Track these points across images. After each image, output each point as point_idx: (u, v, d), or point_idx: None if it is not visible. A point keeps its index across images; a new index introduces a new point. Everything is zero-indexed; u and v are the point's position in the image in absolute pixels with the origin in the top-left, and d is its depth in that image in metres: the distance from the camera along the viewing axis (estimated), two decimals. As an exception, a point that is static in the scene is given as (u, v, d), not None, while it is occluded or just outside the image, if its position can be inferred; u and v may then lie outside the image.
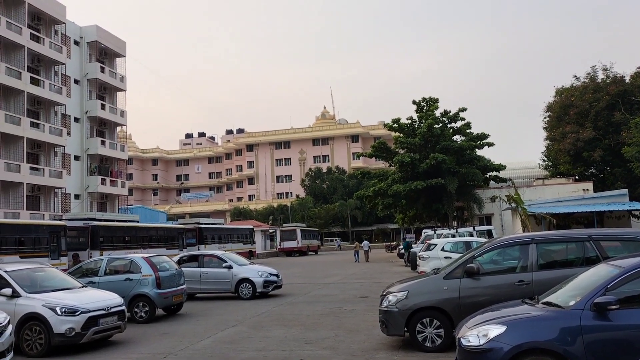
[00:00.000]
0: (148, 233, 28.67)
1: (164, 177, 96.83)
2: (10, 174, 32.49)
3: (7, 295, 9.08)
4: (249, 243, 41.69)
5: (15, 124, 33.23)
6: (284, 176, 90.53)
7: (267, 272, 16.62)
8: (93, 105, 41.71)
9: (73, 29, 41.02)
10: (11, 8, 34.90)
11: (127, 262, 13.30)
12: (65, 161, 38.85)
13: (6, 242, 19.11)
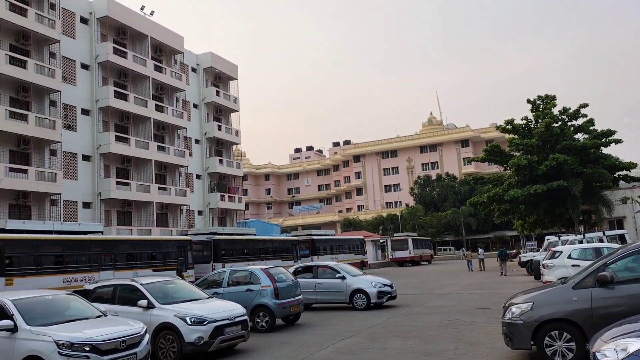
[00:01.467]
0: (264, 245, 29.85)
1: (277, 191, 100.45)
2: (142, 194, 35.60)
3: (143, 307, 9.90)
4: (361, 253, 41.81)
5: (145, 148, 36.43)
6: (392, 185, 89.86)
7: (381, 283, 16.54)
8: (211, 127, 44.60)
9: (190, 58, 44.26)
10: (136, 43, 38.47)
11: (247, 273, 13.95)
12: (189, 180, 41.80)
13: (141, 257, 20.90)
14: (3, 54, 27.70)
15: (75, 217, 31.86)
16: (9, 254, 15.82)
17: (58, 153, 30.80)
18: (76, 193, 32.22)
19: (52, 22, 30.84)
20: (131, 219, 35.94)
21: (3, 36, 28.28)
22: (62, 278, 17.11)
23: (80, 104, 33.45)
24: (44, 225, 18.40)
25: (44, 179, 29.09)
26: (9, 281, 15.48)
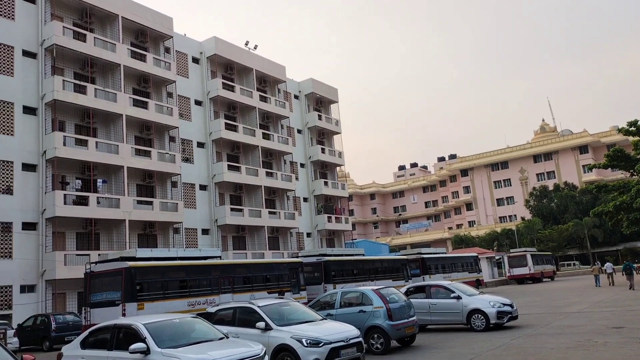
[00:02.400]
0: (374, 265, 29.67)
1: (382, 210, 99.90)
2: (254, 219, 37.16)
3: (261, 328, 10.22)
4: (475, 271, 40.09)
5: (254, 175, 38.13)
6: (505, 198, 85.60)
7: (500, 302, 15.70)
8: (315, 150, 45.69)
9: (292, 85, 45.91)
10: (242, 76, 40.67)
11: (358, 294, 13.90)
12: (296, 203, 42.96)
13: (256, 280, 21.70)
14: (127, 97, 30.57)
15: (195, 244, 33.96)
16: (139, 280, 17.15)
17: (178, 184, 33.18)
18: (195, 221, 34.38)
19: (168, 65, 33.58)
20: (245, 243, 37.59)
21: (127, 81, 31.23)
22: (187, 302, 18.19)
23: (195, 137, 35.89)
24: (169, 252, 19.75)
25: (167, 209, 31.40)
26: (141, 306, 16.73)
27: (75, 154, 27.37)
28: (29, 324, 20.64)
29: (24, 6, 27.72)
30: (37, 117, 27.32)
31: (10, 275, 24.83)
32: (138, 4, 32.70)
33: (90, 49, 29.06)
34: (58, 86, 27.15)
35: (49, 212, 26.18)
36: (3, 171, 25.63)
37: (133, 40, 32.73)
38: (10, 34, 26.88)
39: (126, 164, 29.63)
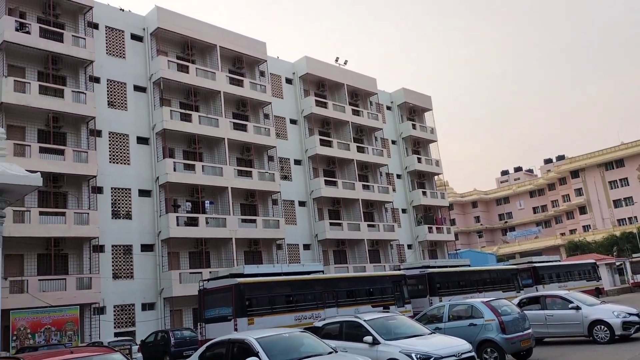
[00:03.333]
0: (481, 276, 28.52)
1: (486, 218, 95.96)
2: (353, 233, 37.31)
3: (369, 343, 10.16)
4: (594, 279, 37.14)
5: (351, 189, 38.35)
6: (623, 199, 78.81)
7: (625, 312, 14.41)
8: (411, 160, 45.10)
9: (384, 97, 45.81)
10: (334, 92, 41.29)
11: (467, 307, 13.41)
12: (395, 215, 42.52)
13: (359, 293, 21.68)
14: (228, 121, 32.16)
15: (297, 259, 34.69)
16: (248, 296, 17.79)
17: (278, 202, 34.20)
18: (296, 236, 35.16)
19: (264, 87, 34.95)
20: (346, 257, 37.78)
21: (227, 106, 32.88)
22: (294, 316, 18.56)
23: (292, 155, 36.88)
24: (274, 268, 20.34)
25: (269, 226, 32.43)
26: (251, 321, 17.33)
27: (184, 178, 29.17)
28: (150, 339, 22.12)
29: (132, 45, 30.22)
30: (150, 146, 29.51)
31: (133, 294, 26.83)
32: (234, 33, 34.44)
33: (193, 79, 31.01)
34: (166, 116, 29.18)
35: (163, 234, 28.04)
36: (123, 198, 27.89)
37: (231, 67, 34.46)
38: (123, 71, 29.39)
39: (230, 184, 31.06)
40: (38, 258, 24.28)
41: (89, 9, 27.67)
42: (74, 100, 26.00)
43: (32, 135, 25.32)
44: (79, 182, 26.08)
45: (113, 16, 29.65)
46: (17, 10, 25.60)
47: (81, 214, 25.08)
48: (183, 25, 31.52)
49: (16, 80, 24.32)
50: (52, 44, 25.67)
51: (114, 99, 28.86)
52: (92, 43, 27.29)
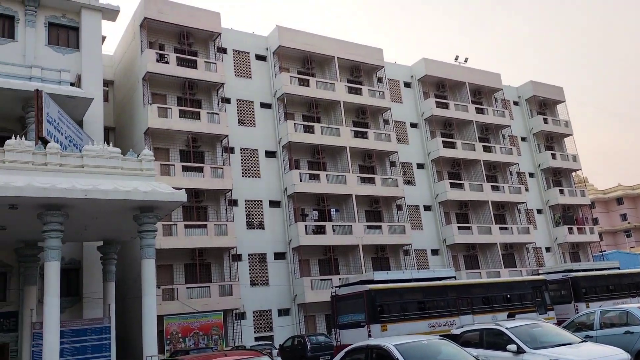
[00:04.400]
0: (633, 280, 25.85)
1: (635, 216, 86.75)
2: (483, 236, 35.80)
3: (513, 351, 9.67)
4: None
5: (479, 191, 36.87)
6: None
7: None
8: (544, 157, 42.30)
9: (510, 92, 43.55)
10: (455, 91, 40.13)
11: (622, 313, 12.28)
12: (529, 216, 40.08)
13: (496, 300, 20.74)
14: (349, 130, 32.65)
15: (426, 264, 34.07)
16: (380, 302, 17.87)
17: (403, 207, 33.91)
18: (423, 242, 34.57)
19: (382, 94, 35.01)
20: (478, 262, 36.33)
21: (347, 115, 33.39)
22: (427, 323, 18.28)
23: (414, 159, 36.41)
24: (404, 274, 20.22)
25: (395, 232, 32.27)
26: (384, 327, 17.37)
27: (310, 187, 30.10)
28: (288, 344, 23.04)
29: (257, 65, 31.96)
30: (277, 158, 30.91)
31: (269, 300, 28.17)
32: (350, 43, 34.99)
33: (314, 92, 32.00)
34: (291, 129, 30.40)
35: (294, 242, 29.14)
36: (255, 209, 29.47)
37: (349, 77, 35.02)
38: (250, 91, 31.18)
39: (354, 192, 31.46)
40: (185, 267, 26.48)
41: (217, 35, 29.81)
42: (209, 121, 28.10)
43: (175, 155, 27.76)
44: (217, 196, 28.05)
45: (239, 40, 31.62)
46: (156, 43, 28.32)
47: (220, 225, 26.93)
48: (302, 41, 32.70)
49: (159, 107, 26.87)
50: (188, 70, 28.02)
51: (243, 117, 30.69)
52: (222, 67, 29.33)
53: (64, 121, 19.38)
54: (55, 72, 21.72)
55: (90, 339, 18.41)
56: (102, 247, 21.37)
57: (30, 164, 15.92)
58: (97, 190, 15.81)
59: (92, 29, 24.56)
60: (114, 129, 29.89)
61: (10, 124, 21.47)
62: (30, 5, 23.28)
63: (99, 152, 17.33)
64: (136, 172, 17.94)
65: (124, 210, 17.33)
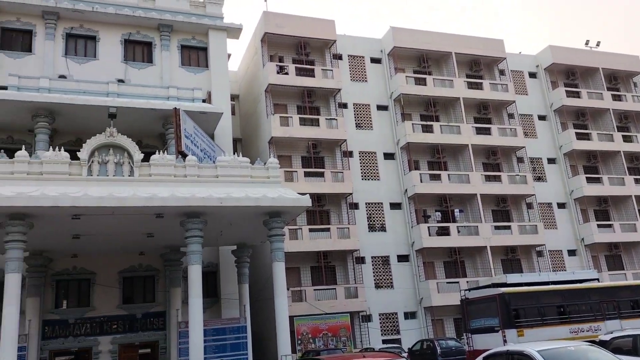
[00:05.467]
0: None
1: None
2: (626, 235, 32.74)
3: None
4: None
5: (620, 185, 33.73)
6: None
7: None
8: (697, 144, 37.52)
9: (652, 74, 39.26)
10: (587, 79, 37.09)
11: None
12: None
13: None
14: (470, 127, 31.53)
15: (561, 266, 31.76)
16: (514, 306, 16.97)
17: (534, 205, 31.94)
18: (558, 242, 32.30)
19: (505, 86, 33.35)
20: (622, 263, 33.16)
21: (467, 111, 32.27)
22: (568, 329, 17.02)
23: (544, 154, 34.20)
24: (539, 276, 19.01)
25: (526, 232, 30.51)
26: (520, 332, 16.47)
27: (431, 188, 29.50)
28: (417, 348, 22.72)
29: (372, 68, 32.06)
30: (395, 160, 30.70)
31: (394, 303, 28.00)
32: (467, 37, 33.82)
33: (431, 90, 31.37)
34: (409, 130, 30.06)
35: (417, 245, 28.71)
36: (376, 212, 29.51)
37: (468, 72, 33.84)
38: (366, 94, 31.35)
39: (478, 191, 30.28)
40: (311, 270, 27.23)
41: (333, 42, 30.40)
42: (328, 126, 28.70)
43: (297, 161, 28.73)
44: (338, 200, 28.52)
45: (353, 45, 31.97)
46: (276, 55, 29.56)
47: (342, 228, 27.34)
48: (417, 39, 32.24)
49: (281, 116, 28.00)
50: (306, 79, 28.90)
51: (361, 120, 30.93)
52: (339, 73, 29.84)
53: (198, 135, 20.92)
54: (189, 91, 23.54)
55: (229, 337, 19.61)
56: (235, 251, 22.69)
57: (172, 176, 17.38)
58: (231, 198, 16.83)
59: (218, 48, 26.27)
60: (240, 139, 31.67)
61: (153, 141, 23.62)
62: (164, 31, 25.50)
63: (230, 162, 18.45)
64: (264, 180, 18.84)
65: (255, 216, 18.27)
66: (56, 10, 23.66)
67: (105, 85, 22.07)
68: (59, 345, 20.64)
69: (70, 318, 21.06)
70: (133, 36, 25.10)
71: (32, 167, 15.91)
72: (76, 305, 21.50)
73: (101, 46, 24.51)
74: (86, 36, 24.47)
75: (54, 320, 20.85)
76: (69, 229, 17.08)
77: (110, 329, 21.46)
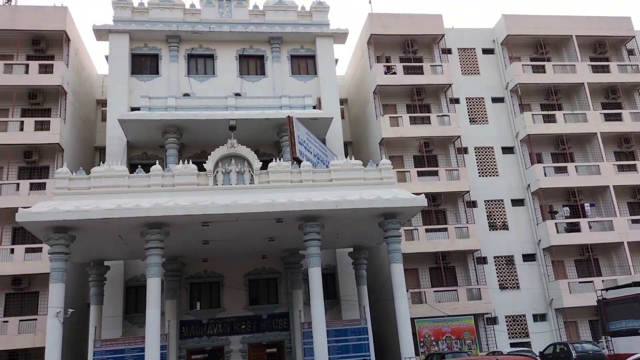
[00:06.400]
0: None
1: None
2: None
3: None
4: None
5: None
6: None
7: None
8: None
9: None
10: None
11: None
12: None
13: None
14: (597, 114, 29.12)
15: None
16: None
17: (679, 195, 28.65)
18: None
19: (636, 67, 30.41)
20: None
21: (593, 97, 29.72)
22: None
23: (687, 137, 30.55)
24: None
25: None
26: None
27: (556, 182, 27.62)
28: (549, 352, 21.32)
29: (484, 59, 30.73)
30: (515, 154, 29.14)
31: (522, 304, 26.54)
32: (588, 17, 31.29)
33: (551, 78, 29.43)
34: (529, 121, 28.40)
35: (544, 243, 27.00)
36: (496, 210, 28.20)
37: (591, 55, 31.26)
38: (479, 87, 30.11)
39: (610, 183, 27.83)
40: (430, 271, 26.68)
41: (441, 37, 29.64)
42: (440, 123, 28.00)
43: (408, 161, 28.34)
44: (454, 199, 27.67)
45: (463, 37, 30.91)
46: (383, 56, 29.44)
47: (461, 228, 26.49)
48: (532, 25, 30.42)
49: (391, 117, 27.82)
50: (414, 77, 28.46)
51: (475, 115, 29.79)
52: (448, 67, 29.01)
53: (311, 141, 21.50)
54: (300, 99, 24.30)
55: (351, 338, 19.82)
56: (352, 253, 22.94)
57: (289, 182, 18.06)
58: (345, 201, 17.08)
59: (326, 55, 26.82)
60: (351, 142, 31.95)
61: (269, 149, 24.69)
62: (275, 44, 26.56)
63: (343, 165, 18.75)
64: (377, 181, 18.90)
65: (369, 218, 18.36)
66: (178, 34, 25.63)
67: (224, 100, 23.51)
68: (194, 344, 22.23)
69: (204, 318, 22.60)
70: (246, 51, 26.47)
71: (165, 180, 17.38)
72: (208, 306, 23.03)
73: (219, 63, 26.14)
74: (205, 55, 26.25)
75: (189, 320, 22.52)
76: (199, 235, 18.37)
77: (239, 329, 22.72)
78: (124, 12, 25.67)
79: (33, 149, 24.49)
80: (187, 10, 26.44)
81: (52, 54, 26.18)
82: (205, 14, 26.39)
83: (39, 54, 26.08)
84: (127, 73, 25.05)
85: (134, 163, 22.81)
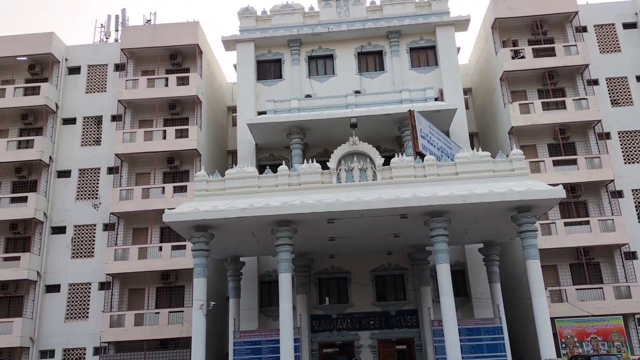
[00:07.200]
0: None
1: None
2: None
3: None
4: None
5: None
6: None
7: None
8: None
9: None
10: None
11: None
12: None
13: None
14: None
15: None
16: None
17: None
18: None
19: None
20: None
21: None
22: None
23: None
24: None
25: None
26: None
27: None
28: None
29: (625, 35, 27.61)
30: (669, 137, 25.95)
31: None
32: None
33: None
34: (684, 99, 25.10)
35: None
36: (647, 199, 25.37)
37: None
38: (621, 65, 27.09)
39: None
40: (570, 268, 24.69)
41: (574, 15, 27.22)
42: (576, 108, 25.74)
43: (542, 150, 26.41)
44: (597, 189, 25.31)
45: (599, 12, 28.10)
46: (509, 40, 27.77)
47: (605, 220, 24.17)
48: (685, -10, 26.84)
49: (520, 104, 26.11)
50: (545, 60, 26.42)
51: (617, 96, 26.94)
52: (584, 47, 26.57)
53: (434, 134, 20.95)
54: (421, 92, 23.82)
55: (485, 338, 19.03)
56: (482, 249, 21.98)
57: (412, 177, 17.77)
58: (473, 195, 16.40)
59: (447, 44, 26.00)
60: (477, 133, 30.61)
61: (390, 145, 24.54)
62: (393, 38, 26.31)
63: (469, 158, 18.02)
64: (507, 173, 17.91)
65: (500, 212, 17.45)
66: (299, 37, 26.44)
67: (344, 99, 23.80)
68: (325, 338, 22.82)
69: (333, 313, 23.11)
70: (365, 48, 26.55)
71: (292, 179, 18.02)
72: (336, 301, 23.51)
73: (338, 62, 26.54)
74: (325, 56, 26.80)
75: (319, 315, 23.15)
76: (325, 232, 18.79)
77: (368, 324, 22.90)
78: (249, 22, 27.04)
79: (175, 155, 26.68)
80: (306, 13, 27.15)
81: (187, 66, 28.32)
82: (323, 15, 26.91)
83: (176, 67, 28.37)
84: (253, 79, 26.38)
85: (262, 164, 23.94)
